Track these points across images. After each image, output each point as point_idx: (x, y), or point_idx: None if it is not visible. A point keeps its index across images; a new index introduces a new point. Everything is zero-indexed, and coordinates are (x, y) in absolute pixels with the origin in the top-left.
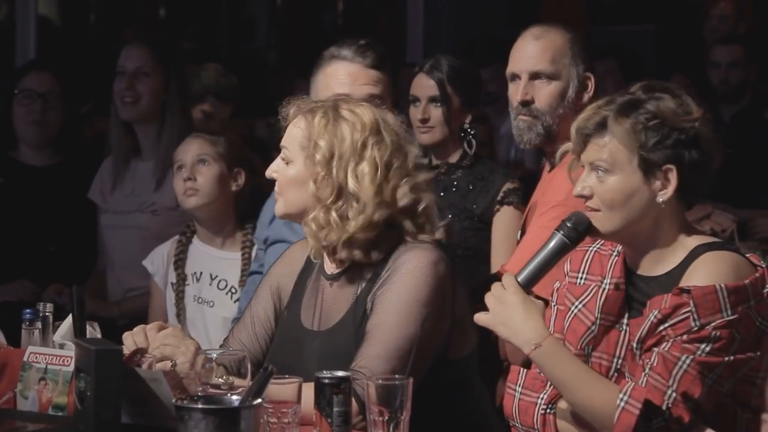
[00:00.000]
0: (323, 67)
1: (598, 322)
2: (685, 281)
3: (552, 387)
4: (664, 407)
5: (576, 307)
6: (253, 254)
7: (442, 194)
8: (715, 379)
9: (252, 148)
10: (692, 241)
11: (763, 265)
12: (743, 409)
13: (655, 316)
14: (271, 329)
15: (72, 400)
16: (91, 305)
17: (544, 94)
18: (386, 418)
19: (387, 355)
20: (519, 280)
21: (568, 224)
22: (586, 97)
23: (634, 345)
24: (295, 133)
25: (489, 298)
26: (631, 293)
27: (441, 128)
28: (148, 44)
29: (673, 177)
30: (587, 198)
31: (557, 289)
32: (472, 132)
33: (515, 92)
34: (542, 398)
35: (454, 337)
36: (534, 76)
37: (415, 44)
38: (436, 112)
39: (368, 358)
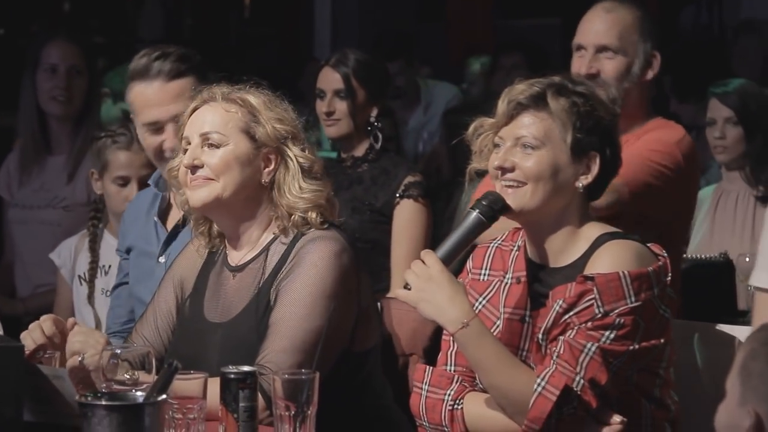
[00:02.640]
0: (129, 89)
1: (502, 316)
2: (589, 269)
3: (459, 383)
4: (573, 394)
5: (480, 303)
6: None
7: (348, 188)
8: (619, 366)
9: None
10: (594, 232)
11: (665, 255)
12: (647, 399)
13: (560, 306)
14: (173, 323)
15: None
16: None
17: (610, 67)
18: (293, 412)
19: (293, 348)
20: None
21: (484, 203)
22: (650, 74)
23: (540, 336)
24: (222, 118)
25: (410, 275)
26: (535, 286)
27: (346, 121)
28: (77, 42)
29: (595, 165)
30: (507, 171)
31: None
32: (378, 125)
33: (580, 64)
34: (449, 395)
35: (359, 330)
36: (600, 49)
37: (323, 38)
38: (341, 105)
39: (274, 352)
